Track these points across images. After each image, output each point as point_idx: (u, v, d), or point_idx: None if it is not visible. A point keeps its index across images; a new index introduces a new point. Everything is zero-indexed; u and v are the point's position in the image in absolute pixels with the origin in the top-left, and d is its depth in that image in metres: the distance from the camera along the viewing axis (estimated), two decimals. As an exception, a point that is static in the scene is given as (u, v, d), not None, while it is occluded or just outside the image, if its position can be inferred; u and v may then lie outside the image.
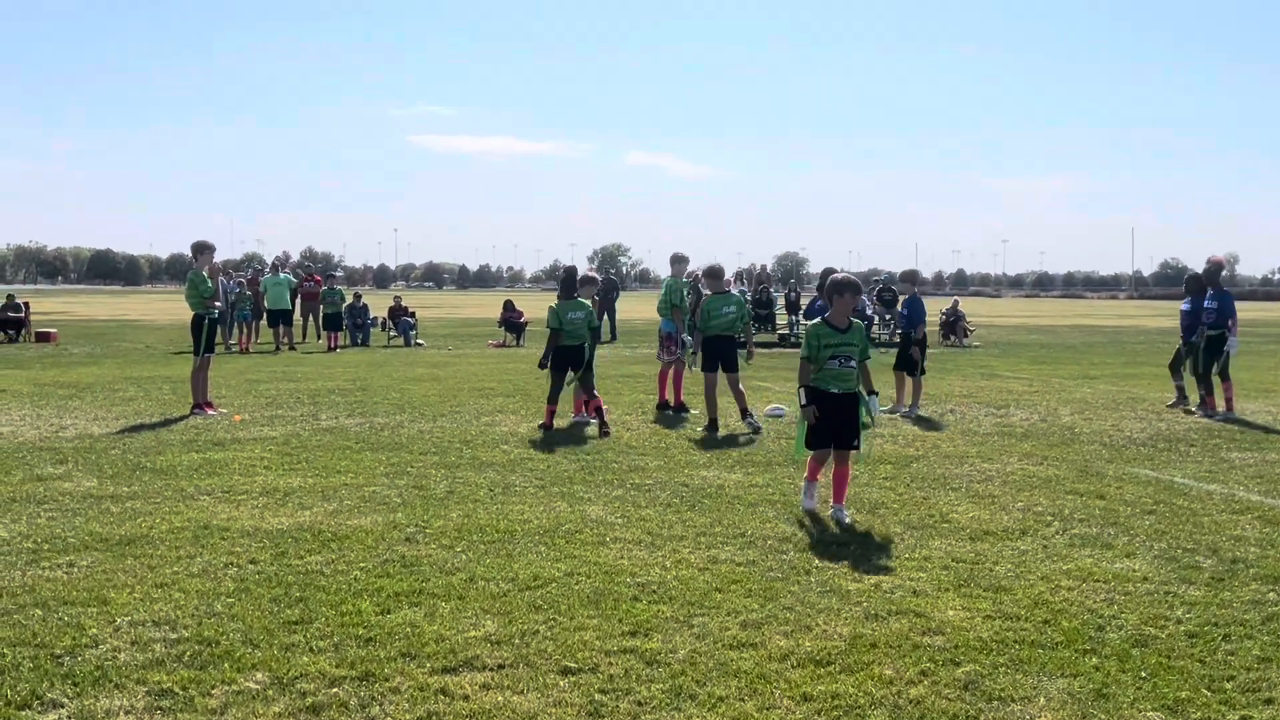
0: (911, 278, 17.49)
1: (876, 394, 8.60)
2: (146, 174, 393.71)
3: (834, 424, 8.21)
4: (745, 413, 13.16)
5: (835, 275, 8.54)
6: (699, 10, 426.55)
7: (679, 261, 15.10)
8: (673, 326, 14.71)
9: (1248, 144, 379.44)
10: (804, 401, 8.21)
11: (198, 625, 5.56)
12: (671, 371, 14.68)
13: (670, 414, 14.24)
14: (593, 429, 12.63)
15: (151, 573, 6.50)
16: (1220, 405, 14.67)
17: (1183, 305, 15.98)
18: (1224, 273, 15.46)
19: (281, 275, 28.83)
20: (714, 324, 13.18)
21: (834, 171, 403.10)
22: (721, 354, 13.23)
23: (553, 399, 12.88)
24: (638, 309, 53.84)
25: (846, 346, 8.24)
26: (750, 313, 14.78)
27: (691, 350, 14.07)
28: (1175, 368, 15.87)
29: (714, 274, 13.63)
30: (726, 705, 4.64)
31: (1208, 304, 15.05)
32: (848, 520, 7.99)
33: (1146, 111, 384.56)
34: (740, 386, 13.35)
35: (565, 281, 13.67)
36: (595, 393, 12.91)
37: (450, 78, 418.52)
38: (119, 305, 71.21)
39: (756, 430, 12.72)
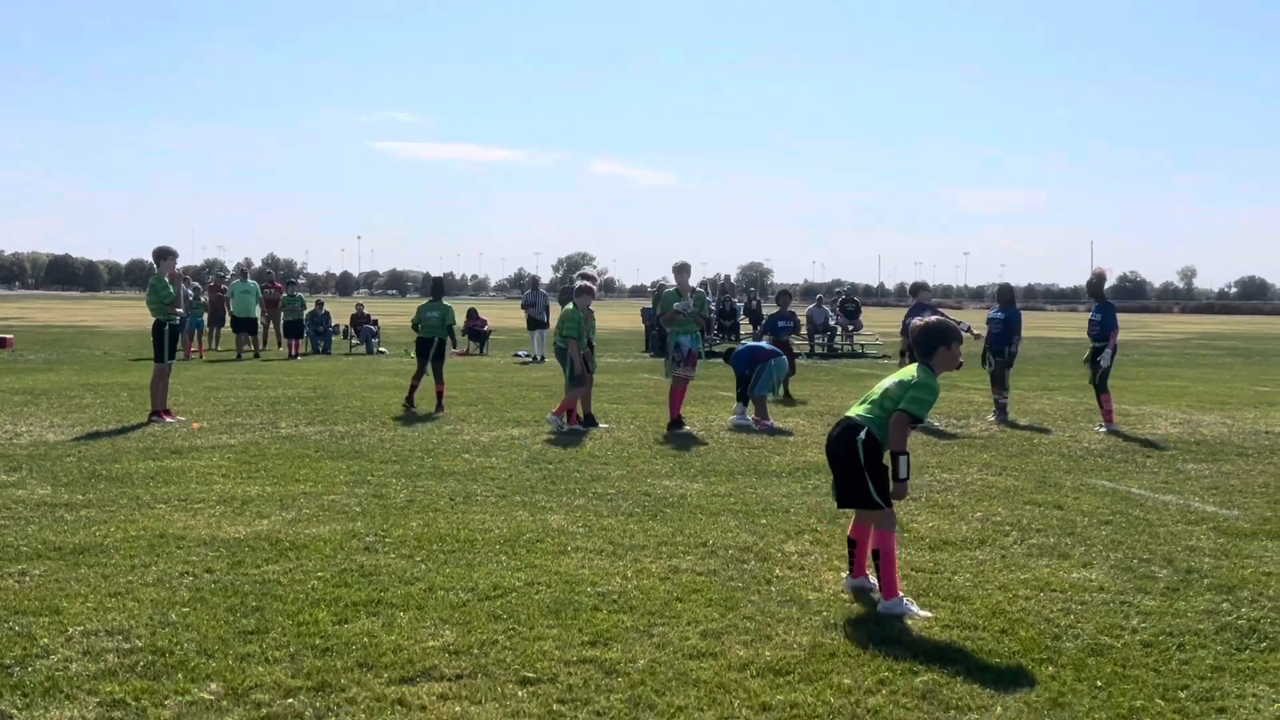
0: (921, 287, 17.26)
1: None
2: (106, 179, 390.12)
3: None
4: (586, 415, 13.95)
5: (935, 320, 6.69)
6: (664, 21, 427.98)
7: (683, 271, 14.40)
8: (682, 340, 14.08)
9: (1205, 160, 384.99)
10: (903, 475, 6.19)
11: (151, 635, 5.49)
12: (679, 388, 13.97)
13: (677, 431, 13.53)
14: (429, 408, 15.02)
15: (105, 582, 6.41)
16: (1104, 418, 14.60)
17: (991, 312, 16.03)
18: (1106, 284, 15.17)
19: (249, 283, 28.36)
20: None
21: (799, 182, 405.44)
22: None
23: (416, 379, 15.80)
24: (603, 318, 53.76)
25: None
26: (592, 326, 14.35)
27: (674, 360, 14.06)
28: (996, 380, 15.63)
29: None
30: (685, 715, 4.64)
31: (1093, 316, 15.12)
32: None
33: (1106, 126, 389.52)
34: (587, 390, 14.11)
35: (431, 286, 16.91)
36: (443, 380, 15.79)
37: (414, 85, 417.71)
38: (77, 311, 70.42)
39: (590, 428, 13.56)
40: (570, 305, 14.21)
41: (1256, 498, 9.61)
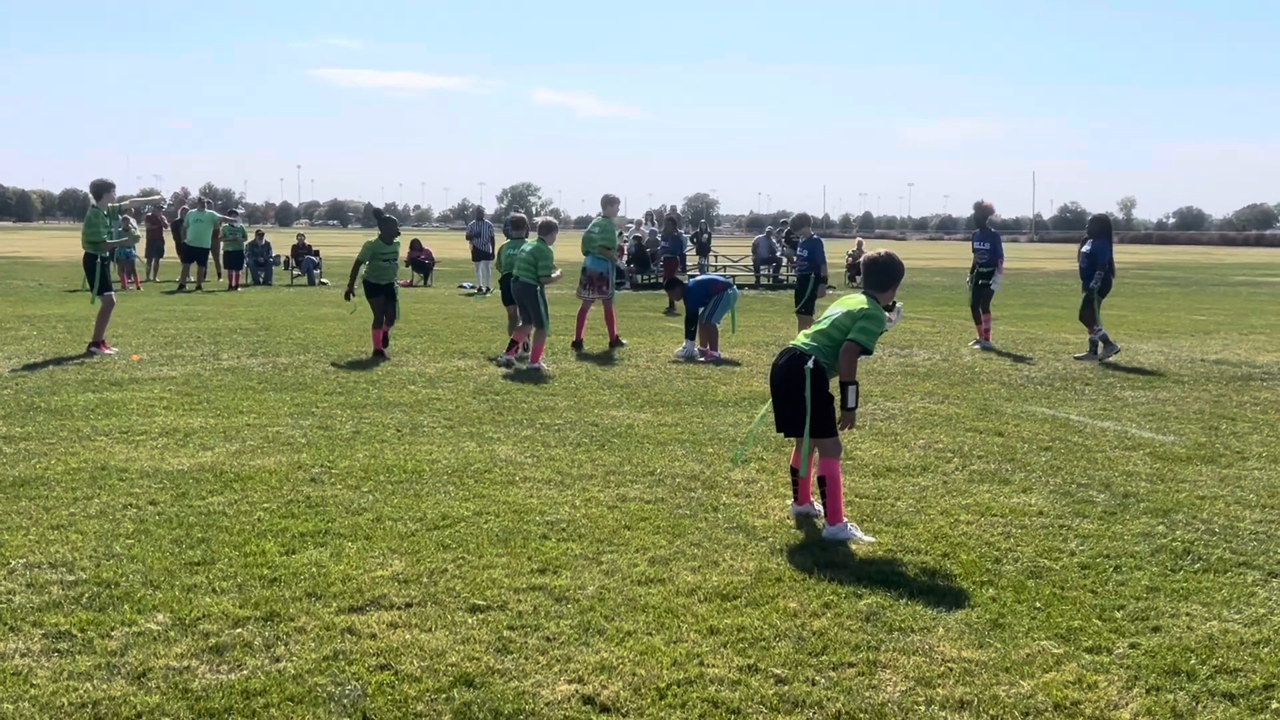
0: (804, 220, 17.92)
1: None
2: (38, 106, 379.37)
3: None
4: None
5: (894, 254, 6.86)
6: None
7: (611, 203, 16.17)
8: (602, 265, 15.52)
9: (1145, 95, 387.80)
10: (851, 404, 6.22)
11: (96, 567, 5.44)
12: (603, 310, 15.56)
13: (581, 351, 14.66)
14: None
15: (47, 514, 6.34)
16: (980, 335, 15.97)
17: (1083, 248, 15.55)
18: (991, 216, 16.34)
19: (206, 212, 27.36)
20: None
21: (744, 112, 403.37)
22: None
23: (377, 324, 14.26)
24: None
25: None
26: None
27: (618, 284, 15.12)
28: (1087, 318, 14.81)
29: (515, 224, 15.03)
30: (634, 639, 4.69)
31: (978, 245, 16.21)
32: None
33: (1048, 57, 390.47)
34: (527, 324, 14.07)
35: (383, 222, 15.40)
36: (393, 321, 14.53)
37: (353, 9, 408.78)
38: (10, 241, 68.73)
39: (507, 365, 13.04)
40: (539, 242, 13.87)
41: (1192, 424, 9.82)
